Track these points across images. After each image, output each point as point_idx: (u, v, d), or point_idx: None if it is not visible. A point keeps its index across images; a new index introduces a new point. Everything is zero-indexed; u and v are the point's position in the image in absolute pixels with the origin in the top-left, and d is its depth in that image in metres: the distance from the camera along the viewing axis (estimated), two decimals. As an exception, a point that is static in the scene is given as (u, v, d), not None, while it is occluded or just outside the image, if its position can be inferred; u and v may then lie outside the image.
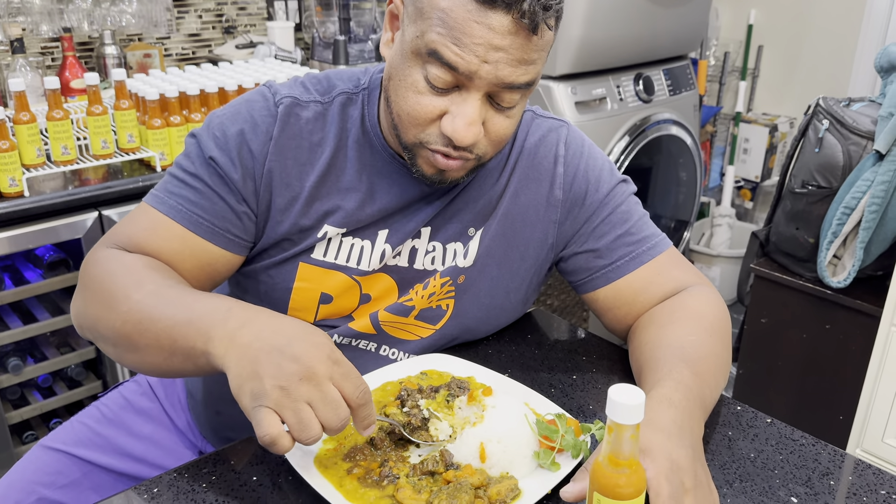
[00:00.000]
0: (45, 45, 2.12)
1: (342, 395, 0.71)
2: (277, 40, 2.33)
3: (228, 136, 0.91)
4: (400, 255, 0.99)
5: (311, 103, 0.95)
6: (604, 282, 1.02)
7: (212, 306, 0.79)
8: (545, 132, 1.03)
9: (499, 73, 0.79)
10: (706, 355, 0.89)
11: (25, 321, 1.76)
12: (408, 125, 0.86)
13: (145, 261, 0.89)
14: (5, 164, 1.57)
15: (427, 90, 0.83)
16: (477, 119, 0.82)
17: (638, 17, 2.33)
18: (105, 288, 0.86)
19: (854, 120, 1.68)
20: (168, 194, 0.92)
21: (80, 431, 1.11)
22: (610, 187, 1.02)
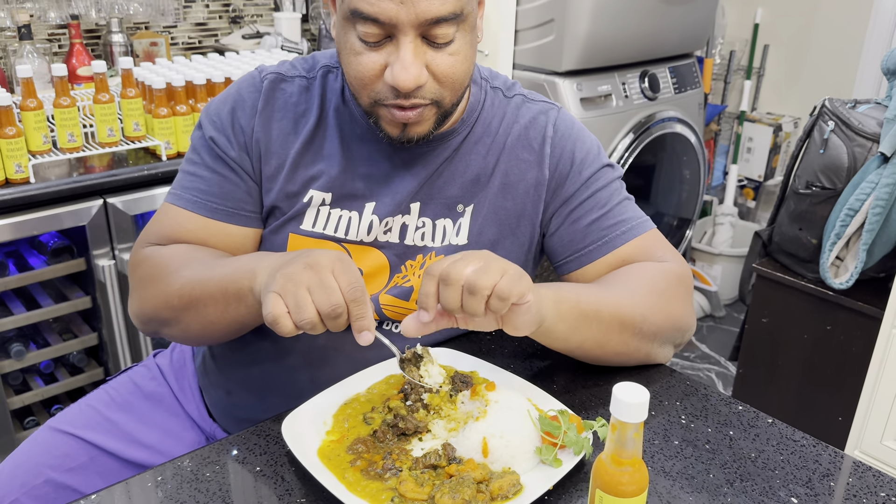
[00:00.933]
0: (52, 32, 2.12)
1: (339, 287, 0.76)
2: (284, 31, 2.33)
3: (222, 117, 0.99)
4: (391, 230, 1.01)
5: (296, 78, 1.00)
6: (576, 265, 1.04)
7: (254, 256, 0.90)
8: (535, 114, 1.05)
9: (417, 10, 0.81)
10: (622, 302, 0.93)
11: (29, 307, 1.77)
12: (359, 88, 0.89)
13: (185, 246, 0.98)
14: (11, 150, 1.57)
15: (364, 49, 0.86)
16: (412, 62, 0.84)
17: (644, 14, 2.32)
18: (156, 276, 0.95)
19: (859, 122, 1.69)
20: (183, 189, 1.00)
21: (88, 414, 1.12)
22: (593, 171, 1.03)
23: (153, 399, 1.15)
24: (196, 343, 1.05)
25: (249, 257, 0.89)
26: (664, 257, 1.03)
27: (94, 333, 1.85)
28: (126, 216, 1.73)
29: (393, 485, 0.76)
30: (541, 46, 2.28)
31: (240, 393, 1.07)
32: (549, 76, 2.29)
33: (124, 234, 1.75)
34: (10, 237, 1.61)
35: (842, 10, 2.90)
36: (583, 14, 2.17)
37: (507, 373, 0.95)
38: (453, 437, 0.82)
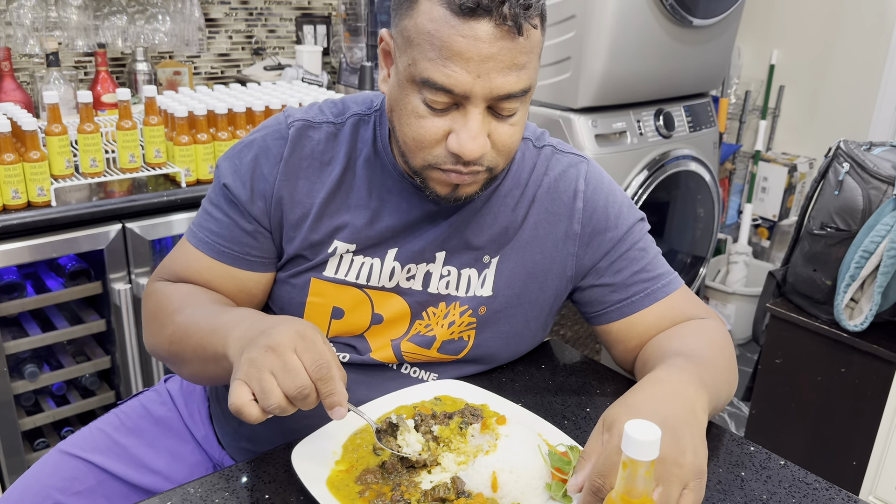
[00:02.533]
0: (78, 60, 2.17)
1: (304, 366, 0.75)
2: (305, 63, 2.37)
3: (243, 162, 0.99)
4: (414, 278, 1.01)
5: (323, 124, 1.00)
6: (618, 315, 1.04)
7: (232, 316, 0.88)
8: (565, 167, 1.05)
9: (492, 86, 0.82)
10: (709, 358, 0.93)
11: (44, 329, 1.78)
12: (415, 150, 0.89)
13: (188, 288, 1.00)
14: (35, 173, 1.60)
15: (428, 113, 0.85)
16: (480, 132, 0.85)
17: (660, 53, 2.35)
18: (156, 316, 0.99)
19: (875, 164, 1.69)
20: (199, 228, 1.02)
21: (98, 438, 1.12)
22: (629, 225, 1.04)
23: (162, 424, 1.16)
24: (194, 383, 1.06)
25: (228, 318, 0.88)
26: (700, 313, 1.06)
27: (108, 357, 1.86)
28: (144, 241, 1.75)
29: (401, 517, 0.76)
30: (557, 83, 2.31)
31: (250, 426, 1.07)
32: (564, 112, 2.31)
33: (141, 258, 1.77)
34: (29, 259, 1.64)
35: (858, 53, 2.92)
36: (599, 53, 2.20)
37: (518, 407, 0.95)
38: (462, 471, 0.82)
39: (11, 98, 1.91)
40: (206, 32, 2.36)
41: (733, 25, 2.60)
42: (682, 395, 0.80)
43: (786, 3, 3.12)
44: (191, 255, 1.01)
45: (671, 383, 0.81)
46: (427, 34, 0.82)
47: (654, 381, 0.82)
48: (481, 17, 0.79)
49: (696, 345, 0.95)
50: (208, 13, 2.36)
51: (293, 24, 2.56)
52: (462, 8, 0.79)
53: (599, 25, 2.17)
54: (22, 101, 1.91)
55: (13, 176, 1.58)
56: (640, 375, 1.00)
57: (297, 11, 2.56)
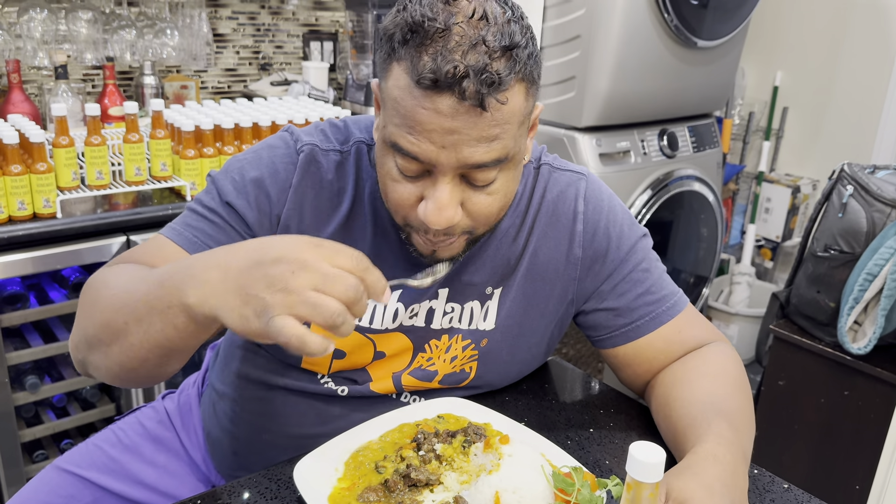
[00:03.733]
0: (86, 73, 2.19)
1: (342, 269, 0.67)
2: (312, 79, 2.39)
3: (246, 181, 0.92)
4: (416, 315, 0.98)
5: (330, 152, 0.95)
6: (623, 340, 1.02)
7: (175, 265, 0.75)
8: (563, 187, 1.01)
9: (459, 156, 0.77)
10: (737, 408, 0.91)
11: (46, 340, 1.78)
12: (394, 211, 0.87)
13: (131, 266, 0.86)
14: (41, 185, 1.61)
15: (401, 178, 0.83)
16: (448, 203, 0.80)
17: (665, 73, 2.36)
18: (89, 295, 0.84)
19: (878, 187, 1.69)
20: (185, 227, 0.93)
21: (94, 455, 1.11)
22: (631, 244, 1.02)
23: (159, 441, 1.15)
24: (114, 380, 0.85)
25: (172, 267, 0.74)
26: (707, 336, 1.04)
27: (109, 369, 1.85)
28: (148, 254, 1.75)
29: (403, 536, 0.75)
30: (562, 102, 2.32)
31: (246, 455, 1.06)
32: (568, 131, 2.32)
33: (145, 271, 1.76)
34: (33, 270, 1.64)
35: (861, 76, 2.93)
36: (604, 72, 2.21)
37: (522, 426, 0.95)
38: (465, 491, 0.82)
39: (20, 110, 1.92)
40: (214, 47, 2.38)
41: (737, 47, 2.61)
42: (738, 476, 0.80)
43: (790, 25, 3.14)
44: (167, 248, 0.90)
45: (729, 464, 0.80)
46: (394, 101, 0.79)
47: (713, 459, 0.79)
48: (444, 93, 0.75)
49: (725, 394, 0.92)
50: (216, 28, 2.37)
51: (300, 41, 2.58)
52: (420, 81, 0.75)
53: (604, 45, 2.18)
54: (30, 113, 1.92)
55: (20, 187, 1.59)
56: (668, 419, 0.95)
57: (304, 28, 2.57)
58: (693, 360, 0.99)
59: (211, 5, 2.34)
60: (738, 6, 2.45)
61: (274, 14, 2.49)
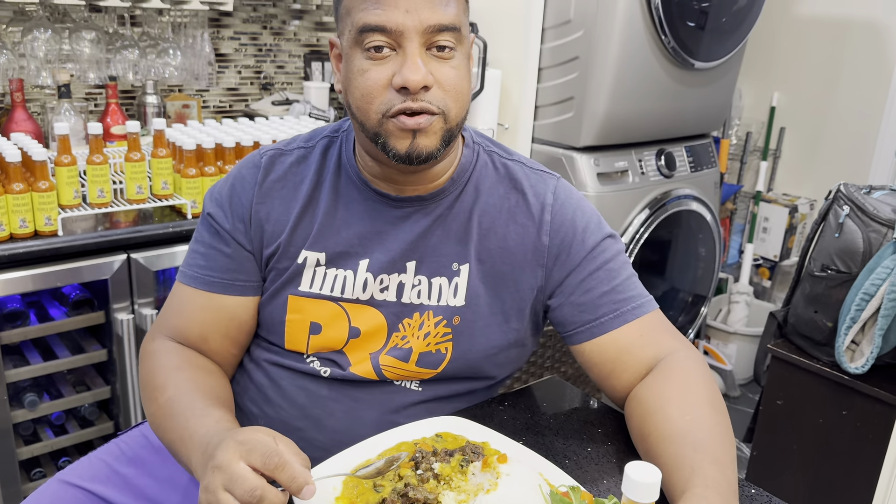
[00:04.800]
0: (89, 91, 2.21)
1: (254, 468, 0.76)
2: (312, 99, 2.41)
3: (222, 194, 1.07)
4: (387, 289, 1.04)
5: (294, 150, 1.08)
6: (588, 336, 1.04)
7: (199, 433, 0.89)
8: (534, 182, 1.08)
9: (421, 17, 0.89)
10: (711, 433, 0.90)
11: (46, 357, 1.78)
12: (366, 106, 0.93)
13: (176, 361, 1.04)
14: (43, 203, 1.62)
15: (371, 65, 0.92)
16: (419, 62, 0.90)
17: (662, 95, 2.38)
18: (145, 385, 1.04)
19: (875, 207, 1.70)
20: (188, 266, 1.08)
21: (98, 468, 1.12)
22: (596, 241, 1.05)
23: (162, 453, 1.16)
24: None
25: (196, 432, 0.90)
26: (673, 343, 1.04)
27: (108, 387, 1.86)
28: (148, 272, 1.76)
29: (401, 555, 0.76)
30: (560, 122, 2.34)
31: None
32: (567, 151, 2.34)
33: (145, 289, 1.77)
34: (33, 288, 1.65)
35: (858, 96, 2.96)
36: (602, 93, 2.23)
37: (520, 445, 0.95)
38: (463, 509, 0.82)
39: (22, 128, 1.93)
40: (216, 67, 2.40)
41: (734, 68, 2.64)
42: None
43: (786, 46, 3.17)
44: (185, 298, 1.07)
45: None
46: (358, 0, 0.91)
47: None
48: None
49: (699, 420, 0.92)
50: (218, 48, 2.40)
51: (301, 61, 2.60)
52: None
53: (602, 67, 2.21)
54: (33, 132, 1.94)
55: (21, 205, 1.60)
56: (639, 443, 0.96)
57: (305, 48, 2.60)
58: (658, 384, 0.99)
59: (213, 26, 2.37)
60: (735, 28, 2.48)
61: (276, 35, 2.52)
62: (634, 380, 1.03)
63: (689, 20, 2.29)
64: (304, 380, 1.07)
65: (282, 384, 1.08)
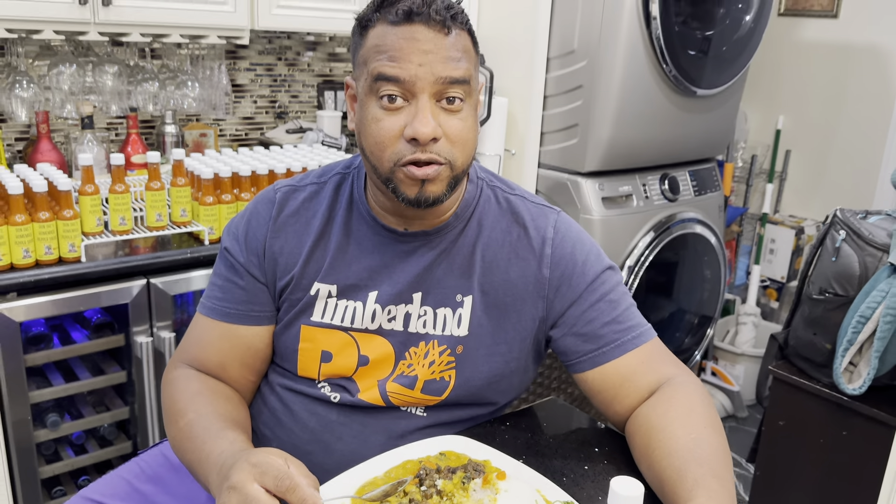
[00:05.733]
0: (110, 121, 2.30)
1: (267, 490, 0.81)
2: (325, 127, 2.49)
3: (239, 228, 1.14)
4: (395, 319, 1.10)
5: (307, 185, 1.15)
6: (590, 365, 1.10)
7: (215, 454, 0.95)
8: (535, 215, 1.14)
9: (434, 70, 0.96)
10: (714, 451, 0.95)
11: (67, 379, 1.85)
12: (379, 153, 1.00)
13: (196, 387, 1.10)
14: (67, 231, 1.69)
15: (384, 115, 0.98)
16: (429, 116, 0.96)
17: (665, 121, 2.44)
18: (167, 411, 1.10)
19: (870, 232, 1.75)
20: (207, 299, 1.15)
21: (119, 486, 1.18)
22: (596, 272, 1.11)
23: (181, 471, 1.21)
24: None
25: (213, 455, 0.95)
26: (672, 370, 1.09)
27: (127, 407, 1.92)
28: (167, 296, 1.83)
29: (405, 565, 0.81)
30: (565, 148, 2.40)
31: None
32: (572, 176, 2.40)
33: (164, 312, 1.84)
34: (57, 312, 1.72)
35: (862, 119, 3.01)
36: (605, 120, 2.30)
37: (519, 463, 1.00)
38: (464, 523, 0.87)
39: (47, 158, 2.02)
40: (233, 97, 2.49)
41: (736, 94, 2.70)
42: None
43: (791, 71, 3.23)
44: (204, 328, 1.14)
45: None
46: (375, 47, 0.98)
47: None
48: (415, 23, 0.95)
49: (701, 439, 0.96)
50: (234, 79, 2.49)
51: (315, 90, 2.69)
52: (398, 16, 0.96)
53: (606, 95, 2.27)
54: (57, 162, 2.02)
55: (47, 233, 1.67)
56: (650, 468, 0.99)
57: (318, 78, 2.69)
58: (664, 404, 1.04)
59: (230, 57, 2.46)
60: (736, 56, 2.54)
61: (290, 65, 2.61)
62: (636, 404, 1.09)
63: (689, 49, 2.36)
64: (316, 405, 1.13)
65: (294, 409, 1.14)
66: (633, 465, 1.06)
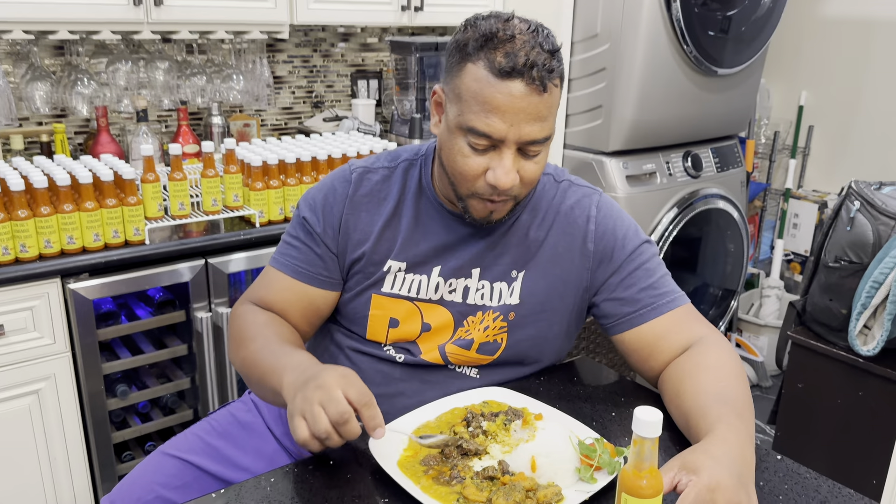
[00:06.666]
0: (160, 114, 2.45)
1: (348, 399, 0.94)
2: (360, 115, 2.62)
3: (317, 201, 1.25)
4: (455, 291, 1.23)
5: (379, 168, 1.26)
6: (628, 326, 1.22)
7: (289, 360, 1.08)
8: (580, 197, 1.26)
9: (521, 133, 1.05)
10: (739, 396, 1.07)
11: (133, 353, 2.01)
12: (461, 182, 1.13)
13: (264, 318, 1.22)
14: (132, 216, 1.85)
15: (471, 153, 1.09)
16: (511, 169, 1.08)
17: (687, 100, 2.53)
18: (236, 338, 1.22)
19: (883, 202, 1.84)
20: (280, 255, 1.27)
21: (193, 442, 1.32)
22: (635, 245, 1.24)
23: (248, 428, 1.35)
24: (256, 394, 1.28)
25: (286, 362, 1.08)
26: (704, 330, 1.21)
27: (187, 378, 2.08)
28: (223, 275, 1.98)
29: (458, 490, 0.94)
30: (590, 129, 2.51)
31: None
32: (596, 155, 2.50)
33: (220, 290, 1.99)
34: (125, 291, 1.87)
35: (885, 93, 3.04)
36: (628, 101, 2.39)
37: (554, 409, 1.13)
38: (507, 456, 1.00)
39: (107, 150, 2.17)
40: (273, 88, 2.63)
41: (757, 72, 2.77)
42: (746, 454, 0.94)
43: (812, 46, 3.26)
44: (274, 278, 1.26)
45: (737, 445, 0.93)
46: (472, 91, 1.05)
47: (723, 440, 0.93)
48: (515, 78, 1.03)
49: (728, 385, 1.07)
50: (274, 71, 2.62)
51: (349, 80, 2.82)
52: (501, 71, 1.03)
53: (629, 76, 2.37)
54: (116, 153, 2.18)
55: (114, 218, 1.83)
56: (679, 408, 1.10)
57: (351, 68, 2.82)
58: (696, 356, 1.16)
59: (270, 51, 2.60)
60: (756, 36, 2.61)
61: (325, 56, 2.74)
62: (670, 361, 1.20)
63: (710, 30, 2.44)
64: (382, 364, 1.26)
65: (362, 367, 1.27)
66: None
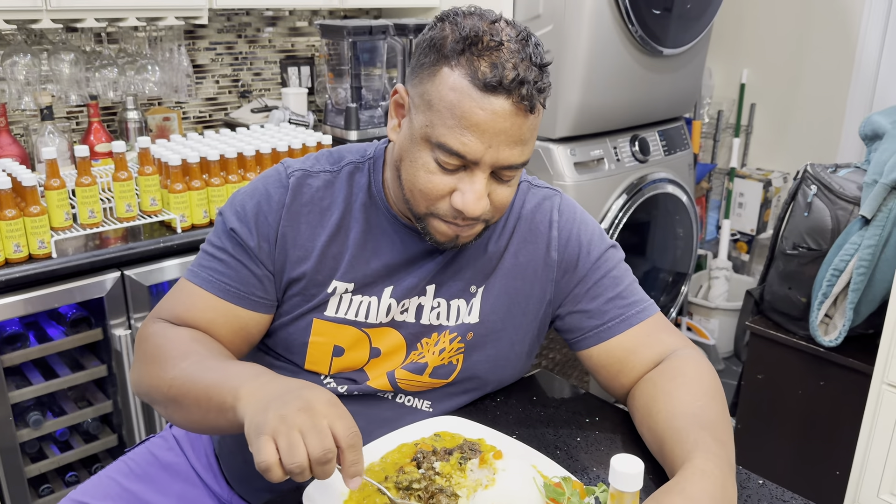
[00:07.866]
0: (70, 110, 2.23)
1: (333, 434, 0.77)
2: (291, 105, 2.44)
3: (247, 209, 1.05)
4: (407, 311, 1.08)
5: (320, 173, 1.08)
6: (595, 341, 1.11)
7: (243, 370, 0.90)
8: (540, 200, 1.14)
9: (499, 156, 0.91)
10: (717, 418, 0.97)
11: (47, 377, 1.82)
12: (420, 200, 0.97)
13: (190, 333, 1.02)
14: (35, 227, 1.65)
15: (437, 170, 0.94)
16: (484, 193, 0.94)
17: (633, 82, 2.44)
18: (156, 359, 0.99)
19: (841, 186, 1.78)
20: (201, 268, 1.06)
21: (108, 486, 1.16)
22: (600, 252, 1.12)
23: (170, 469, 1.20)
24: (183, 429, 1.07)
25: (238, 371, 0.90)
26: (675, 342, 1.10)
27: (109, 401, 1.90)
28: (142, 287, 1.80)
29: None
30: (536, 115, 2.39)
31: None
32: (544, 142, 2.39)
33: (140, 304, 1.82)
34: (31, 310, 1.68)
35: (825, 70, 3.03)
36: (574, 85, 2.29)
37: (513, 440, 1.01)
38: (464, 504, 0.88)
39: (8, 153, 1.96)
40: (194, 78, 2.43)
41: (702, 52, 2.70)
42: (727, 486, 0.85)
43: (754, 24, 3.23)
44: (194, 295, 1.05)
45: (717, 477, 0.84)
46: (447, 102, 0.90)
47: (702, 474, 0.84)
48: (501, 94, 0.88)
49: (704, 405, 0.97)
50: (195, 59, 2.42)
51: (278, 67, 2.63)
52: (486, 84, 0.87)
53: (574, 59, 2.26)
54: (18, 156, 1.96)
55: (14, 230, 1.63)
56: (652, 430, 1.00)
57: (280, 54, 2.63)
58: (669, 371, 1.05)
59: (189, 38, 2.39)
60: (701, 14, 2.54)
61: (251, 42, 2.55)
62: (641, 376, 1.10)
63: (654, 8, 2.35)
64: None
65: None
66: (625, 435, 1.08)
